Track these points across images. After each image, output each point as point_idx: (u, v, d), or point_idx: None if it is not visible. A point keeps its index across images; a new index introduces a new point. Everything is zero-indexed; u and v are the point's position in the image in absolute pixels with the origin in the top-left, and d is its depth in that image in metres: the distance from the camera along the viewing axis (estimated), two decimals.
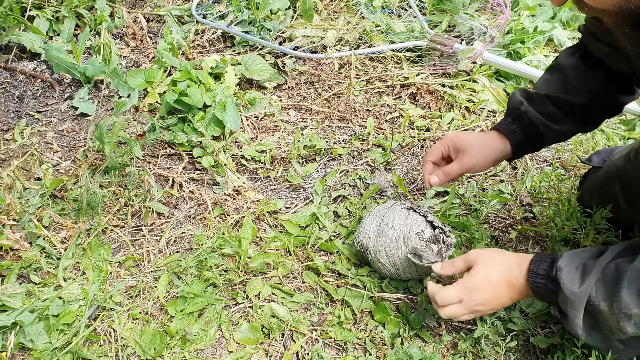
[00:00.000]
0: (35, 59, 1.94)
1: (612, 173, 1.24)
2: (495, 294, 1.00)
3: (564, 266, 0.92)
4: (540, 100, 1.16)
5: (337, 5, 2.18)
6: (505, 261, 1.01)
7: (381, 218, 1.23)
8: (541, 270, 0.95)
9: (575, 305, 0.89)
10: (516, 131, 1.16)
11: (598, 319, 0.89)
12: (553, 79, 1.20)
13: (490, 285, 1.00)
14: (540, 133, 1.16)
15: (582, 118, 1.17)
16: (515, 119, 1.16)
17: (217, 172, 1.52)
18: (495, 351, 1.11)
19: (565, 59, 1.19)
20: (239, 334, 1.15)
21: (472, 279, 1.01)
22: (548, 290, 0.94)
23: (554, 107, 1.15)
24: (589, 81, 1.14)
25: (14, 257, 1.26)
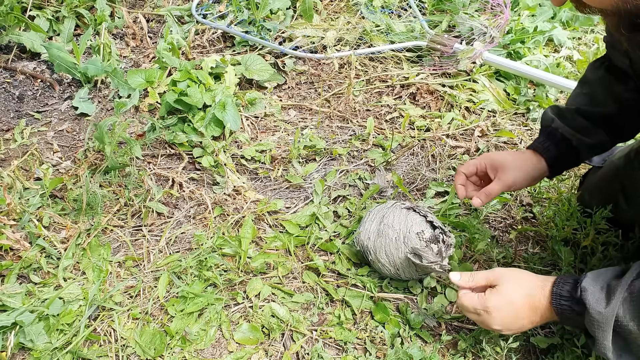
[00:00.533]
0: (35, 59, 1.94)
1: (613, 173, 1.24)
2: (516, 316, 0.98)
3: (588, 286, 0.90)
4: (570, 114, 1.17)
5: (337, 5, 2.18)
6: (528, 283, 0.99)
7: (381, 218, 1.23)
8: (565, 292, 0.93)
9: (602, 326, 0.87)
10: (549, 148, 1.16)
11: (628, 340, 0.87)
12: (582, 92, 1.20)
13: (512, 306, 0.98)
14: (574, 147, 1.16)
15: (614, 129, 1.17)
16: (547, 137, 1.17)
17: (217, 172, 1.52)
18: (495, 351, 1.11)
19: (592, 72, 1.19)
20: (239, 334, 1.15)
21: (494, 298, 0.99)
22: (573, 312, 0.92)
23: (584, 120, 1.15)
24: (617, 92, 1.14)
25: (14, 257, 1.26)
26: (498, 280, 1.01)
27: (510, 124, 1.72)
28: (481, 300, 1.00)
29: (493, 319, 0.99)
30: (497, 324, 0.99)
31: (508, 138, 1.66)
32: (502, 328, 1.00)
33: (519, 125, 1.72)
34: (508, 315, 0.98)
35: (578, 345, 1.06)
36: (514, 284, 1.00)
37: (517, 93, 1.82)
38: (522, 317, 0.98)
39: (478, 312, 1.01)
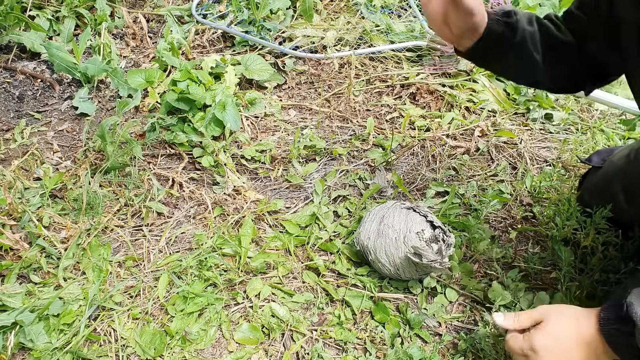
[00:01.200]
0: (35, 59, 1.94)
1: (613, 173, 1.24)
2: (568, 355, 0.92)
3: (634, 301, 0.85)
4: (528, 19, 1.07)
5: (337, 5, 2.18)
6: (575, 315, 0.94)
7: (381, 218, 1.23)
8: (612, 315, 0.88)
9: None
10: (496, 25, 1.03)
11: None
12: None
13: (559, 343, 0.92)
14: (504, 36, 1.04)
15: (531, 66, 1.09)
16: (503, 15, 1.04)
17: (217, 172, 1.52)
18: (495, 351, 1.11)
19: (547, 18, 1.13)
20: (239, 334, 1.15)
21: (540, 337, 0.94)
22: (624, 334, 0.86)
23: (536, 28, 1.07)
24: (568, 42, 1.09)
25: (14, 257, 1.26)
26: (543, 317, 0.96)
27: (510, 124, 1.72)
28: (527, 341, 0.95)
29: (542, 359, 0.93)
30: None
31: (508, 138, 1.66)
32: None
33: (519, 125, 1.72)
34: (557, 353, 0.92)
35: None
36: (560, 319, 0.95)
37: (517, 93, 1.82)
38: (573, 356, 0.92)
39: (526, 354, 0.95)
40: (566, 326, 0.93)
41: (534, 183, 1.48)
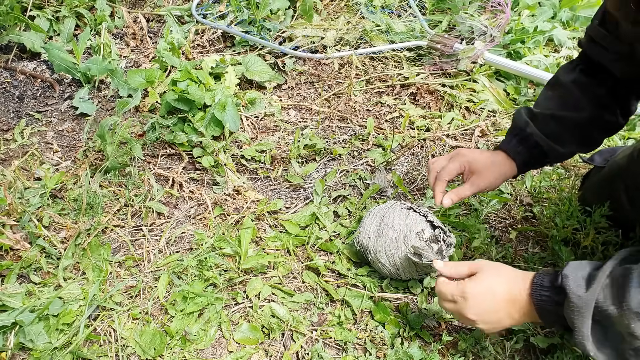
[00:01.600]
0: (35, 59, 1.94)
1: (615, 173, 1.24)
2: (493, 305, 0.96)
3: (569, 274, 0.89)
4: (544, 119, 1.17)
5: (337, 5, 2.18)
6: (510, 274, 0.98)
7: (381, 218, 1.23)
8: (546, 282, 0.92)
9: (582, 311, 0.85)
10: (522, 153, 1.17)
11: (607, 329, 0.85)
12: (554, 95, 1.20)
13: (489, 294, 0.96)
14: (544, 153, 1.17)
15: (585, 137, 1.18)
16: (520, 141, 1.18)
17: (217, 172, 1.52)
18: (495, 351, 1.11)
19: (565, 74, 1.19)
20: (239, 334, 1.15)
21: (472, 284, 0.98)
22: (553, 303, 0.90)
23: (557, 126, 1.16)
24: (590, 96, 1.14)
25: (14, 257, 1.26)
26: (479, 269, 1.00)
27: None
28: (459, 287, 0.99)
29: (469, 307, 0.97)
30: (472, 313, 0.97)
31: None
32: (478, 318, 0.97)
33: None
34: (485, 303, 0.96)
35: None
36: (495, 274, 0.99)
37: (517, 93, 1.82)
38: (499, 309, 0.96)
39: (455, 299, 0.99)
40: (499, 281, 0.97)
41: (534, 183, 1.48)
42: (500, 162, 1.17)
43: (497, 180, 1.17)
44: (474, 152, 1.19)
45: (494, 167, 1.16)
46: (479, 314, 0.97)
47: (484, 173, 1.15)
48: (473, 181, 1.15)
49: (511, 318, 0.96)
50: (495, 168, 1.16)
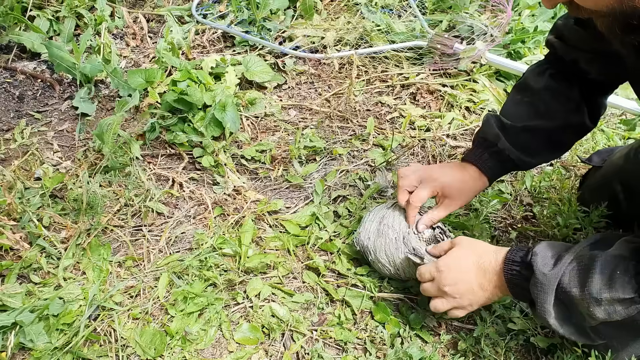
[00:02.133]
0: (35, 59, 1.94)
1: (613, 172, 1.25)
2: (464, 276, 1.01)
3: (539, 252, 0.93)
4: (515, 132, 1.16)
5: (337, 5, 2.18)
6: (483, 248, 1.03)
7: (381, 218, 1.23)
8: (517, 257, 0.96)
9: (545, 288, 0.89)
10: (494, 167, 1.18)
11: (570, 307, 0.89)
12: (523, 101, 1.19)
13: (460, 265, 1.01)
14: (516, 165, 1.19)
15: (557, 144, 1.19)
16: (492, 155, 1.18)
17: (217, 172, 1.52)
18: (495, 351, 1.11)
19: (535, 79, 1.19)
20: (239, 334, 1.15)
21: (445, 257, 1.04)
22: (521, 277, 0.94)
23: (530, 139, 1.16)
24: (562, 102, 1.14)
25: (14, 257, 1.26)
26: (456, 244, 1.05)
27: None
28: (434, 263, 1.04)
29: (443, 279, 1.02)
30: (447, 284, 1.01)
31: None
32: (452, 290, 1.01)
33: None
34: (456, 273, 1.01)
35: (578, 345, 1.05)
36: (467, 246, 1.04)
37: None
38: (470, 279, 1.00)
39: (433, 276, 1.04)
40: (469, 252, 1.03)
41: (534, 183, 1.48)
42: (471, 179, 1.18)
43: (469, 198, 1.20)
44: (445, 174, 1.18)
45: (466, 188, 1.18)
46: (453, 284, 1.01)
47: (457, 196, 1.17)
48: (447, 205, 1.18)
49: (483, 289, 1.00)
50: (468, 188, 1.18)
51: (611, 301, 0.84)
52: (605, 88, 1.16)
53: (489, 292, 1.00)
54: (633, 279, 0.82)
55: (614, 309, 0.84)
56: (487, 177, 1.18)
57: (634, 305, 0.83)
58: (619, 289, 0.83)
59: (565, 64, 1.14)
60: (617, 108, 1.70)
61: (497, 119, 1.19)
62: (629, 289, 0.82)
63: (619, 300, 0.83)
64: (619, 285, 0.83)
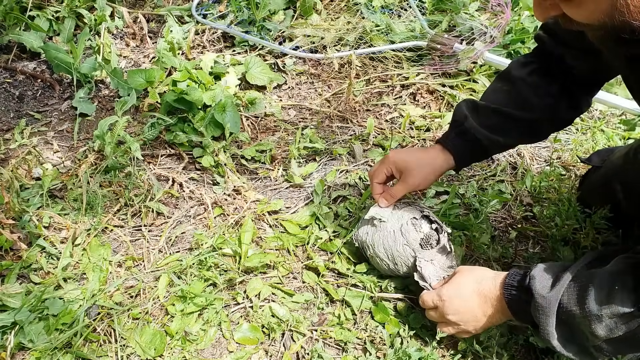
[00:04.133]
0: (35, 59, 1.94)
1: (612, 172, 1.24)
2: (467, 304, 1.02)
3: (536, 275, 0.94)
4: (486, 112, 1.17)
5: (337, 5, 2.18)
6: (481, 273, 1.05)
7: (378, 213, 1.23)
8: (515, 282, 0.97)
9: (545, 310, 0.90)
10: (459, 146, 1.19)
11: (572, 326, 0.90)
12: (503, 89, 1.20)
13: (461, 293, 1.02)
14: (484, 146, 1.19)
15: (529, 131, 1.20)
16: (458, 134, 1.19)
17: (217, 172, 1.52)
18: (495, 351, 1.11)
19: (518, 69, 1.20)
20: (239, 333, 1.15)
21: (446, 286, 1.05)
22: (521, 301, 0.95)
23: (501, 119, 1.16)
24: (540, 96, 1.15)
25: (14, 257, 1.26)
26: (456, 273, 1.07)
27: None
28: (437, 292, 1.05)
29: (447, 308, 1.03)
30: (451, 313, 1.02)
31: None
32: (457, 318, 1.02)
33: None
34: (458, 302, 1.02)
35: None
36: (467, 274, 1.05)
37: None
38: (472, 306, 1.01)
39: (436, 304, 1.05)
40: (468, 280, 1.04)
41: (534, 183, 1.48)
42: (432, 157, 1.19)
43: (430, 175, 1.20)
44: (402, 152, 1.22)
45: (424, 164, 1.19)
46: (456, 313, 1.03)
47: (413, 172, 1.18)
48: (404, 180, 1.19)
49: (486, 315, 1.01)
50: (426, 165, 1.19)
51: (611, 316, 0.84)
52: (590, 85, 1.17)
53: (492, 317, 1.02)
54: (632, 293, 0.83)
55: (615, 325, 0.84)
56: (450, 154, 1.19)
57: (634, 319, 0.83)
58: (618, 304, 0.83)
59: (551, 58, 1.15)
60: (617, 108, 1.70)
61: (470, 101, 1.21)
62: (628, 303, 0.83)
63: (619, 315, 0.83)
64: (618, 301, 0.83)
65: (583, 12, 0.72)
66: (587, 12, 0.72)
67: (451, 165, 1.20)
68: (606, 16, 0.69)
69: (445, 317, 1.04)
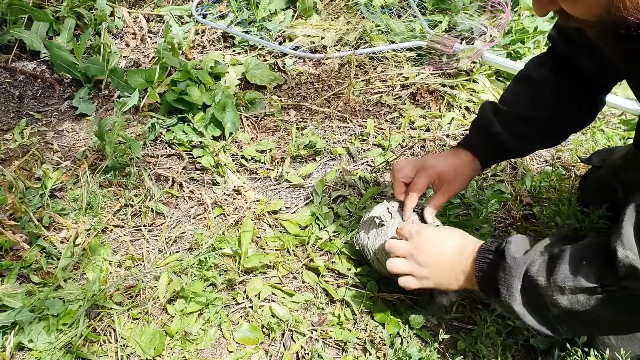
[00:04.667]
0: (35, 58, 1.94)
1: (612, 173, 1.24)
2: (441, 249, 1.03)
3: (513, 241, 0.95)
4: (510, 118, 1.17)
5: (337, 5, 2.18)
6: (467, 236, 1.06)
7: (379, 217, 1.22)
8: (492, 247, 0.98)
9: (512, 272, 0.91)
10: (487, 151, 1.20)
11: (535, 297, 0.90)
12: (524, 91, 1.21)
13: (441, 240, 1.04)
14: (509, 151, 1.20)
15: (552, 133, 1.20)
16: (485, 140, 1.19)
17: (217, 172, 1.52)
18: (494, 351, 1.11)
19: (536, 70, 1.20)
20: (239, 334, 1.15)
21: (430, 228, 1.07)
22: (492, 264, 0.95)
23: (525, 127, 1.17)
24: (561, 96, 1.15)
25: (14, 257, 1.26)
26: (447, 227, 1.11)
27: None
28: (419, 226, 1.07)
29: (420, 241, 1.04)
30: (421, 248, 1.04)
31: None
32: (424, 258, 1.03)
33: None
34: (435, 244, 1.04)
35: (578, 345, 1.05)
36: (455, 231, 1.07)
37: None
38: (446, 256, 1.02)
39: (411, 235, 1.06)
40: (459, 235, 1.05)
41: (534, 183, 1.48)
42: (466, 164, 1.20)
43: (466, 183, 1.22)
44: (440, 161, 1.20)
45: (461, 173, 1.19)
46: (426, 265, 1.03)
47: (453, 181, 1.19)
48: (445, 190, 1.19)
49: (451, 270, 1.02)
50: (463, 173, 1.20)
51: (574, 290, 0.85)
52: (603, 84, 1.17)
53: (457, 280, 1.02)
54: (597, 270, 0.84)
55: (576, 299, 0.85)
56: (479, 161, 1.19)
57: (595, 295, 0.84)
58: (582, 278, 0.84)
59: (564, 58, 1.15)
60: (617, 108, 1.70)
61: (493, 105, 1.21)
62: (592, 278, 0.83)
63: (582, 289, 0.84)
64: (583, 275, 0.84)
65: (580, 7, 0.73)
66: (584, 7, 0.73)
67: (479, 170, 1.21)
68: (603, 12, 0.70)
69: (412, 250, 1.04)
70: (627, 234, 0.80)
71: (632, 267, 0.78)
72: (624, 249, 0.79)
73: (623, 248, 0.79)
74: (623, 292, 0.81)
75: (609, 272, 0.82)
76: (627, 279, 0.80)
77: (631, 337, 1.01)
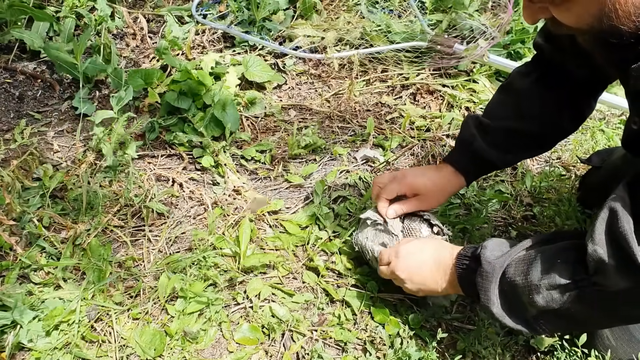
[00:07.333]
0: (35, 59, 1.94)
1: (611, 173, 1.25)
2: (420, 266, 1.05)
3: (488, 245, 0.96)
4: (493, 131, 1.17)
5: (337, 5, 2.18)
6: (442, 243, 1.09)
7: (378, 218, 1.22)
8: (469, 252, 0.99)
9: (489, 276, 0.92)
10: (469, 167, 1.20)
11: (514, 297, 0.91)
12: (506, 102, 1.20)
13: (419, 255, 1.06)
14: (494, 165, 1.21)
15: (536, 144, 1.20)
16: (467, 155, 1.19)
17: (217, 172, 1.52)
18: (494, 351, 1.11)
19: (520, 80, 1.19)
20: (239, 334, 1.15)
21: (407, 244, 1.09)
22: (469, 270, 0.97)
23: (508, 138, 1.16)
24: (544, 107, 1.15)
25: (14, 257, 1.26)
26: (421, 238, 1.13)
27: None
28: (395, 247, 1.10)
29: (399, 263, 1.06)
30: (401, 270, 1.06)
31: None
32: (405, 276, 1.06)
33: None
34: (413, 260, 1.06)
35: (578, 345, 1.06)
36: (430, 241, 1.11)
37: None
38: (424, 270, 1.04)
39: (390, 259, 1.09)
40: (430, 245, 1.09)
41: (534, 183, 1.48)
42: (444, 178, 1.19)
43: (444, 198, 1.22)
44: (417, 174, 1.20)
45: (439, 187, 1.19)
46: (407, 270, 1.06)
47: (429, 195, 1.19)
48: (420, 200, 1.19)
49: (435, 282, 1.04)
50: (440, 188, 1.19)
51: (549, 287, 0.85)
52: (593, 89, 1.16)
53: (439, 287, 1.04)
54: (571, 266, 0.85)
55: (551, 296, 0.86)
56: (463, 175, 1.19)
57: (568, 292, 0.84)
58: (557, 275, 0.85)
59: (551, 66, 1.14)
60: (617, 108, 1.70)
61: (476, 119, 1.20)
62: (565, 275, 0.84)
63: (556, 287, 0.85)
64: (557, 272, 0.85)
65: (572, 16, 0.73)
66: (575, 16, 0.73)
67: (462, 185, 1.21)
68: (595, 20, 0.70)
69: (396, 274, 1.07)
70: (598, 230, 0.80)
71: (601, 262, 0.79)
72: (593, 244, 0.80)
73: (593, 243, 0.80)
74: (593, 288, 0.82)
75: (581, 267, 0.83)
76: (596, 274, 0.81)
77: (631, 337, 1.01)
